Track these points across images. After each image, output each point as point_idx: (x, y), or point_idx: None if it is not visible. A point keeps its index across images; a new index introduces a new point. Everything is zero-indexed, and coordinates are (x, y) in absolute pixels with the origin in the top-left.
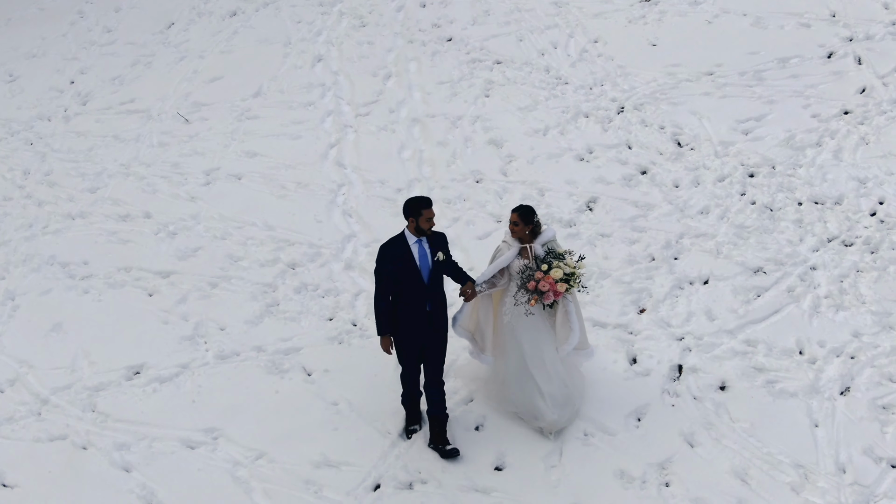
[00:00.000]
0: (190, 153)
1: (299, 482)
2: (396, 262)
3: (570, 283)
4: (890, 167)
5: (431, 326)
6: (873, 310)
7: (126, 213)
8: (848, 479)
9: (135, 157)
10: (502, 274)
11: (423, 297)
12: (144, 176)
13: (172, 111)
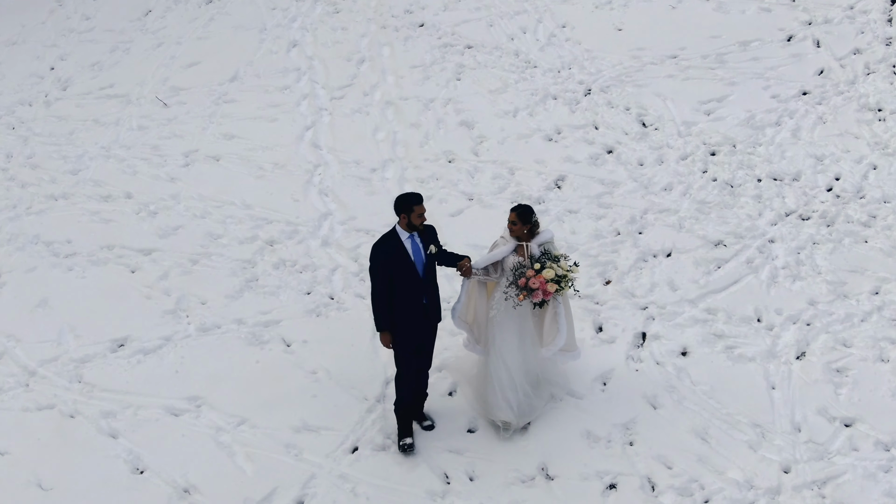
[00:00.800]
0: (169, 136)
1: (280, 446)
2: (391, 259)
3: (561, 284)
4: (846, 145)
5: (427, 318)
6: (828, 279)
7: (107, 194)
8: (803, 438)
9: (115, 140)
10: (496, 268)
11: (419, 290)
12: (125, 158)
13: (151, 96)
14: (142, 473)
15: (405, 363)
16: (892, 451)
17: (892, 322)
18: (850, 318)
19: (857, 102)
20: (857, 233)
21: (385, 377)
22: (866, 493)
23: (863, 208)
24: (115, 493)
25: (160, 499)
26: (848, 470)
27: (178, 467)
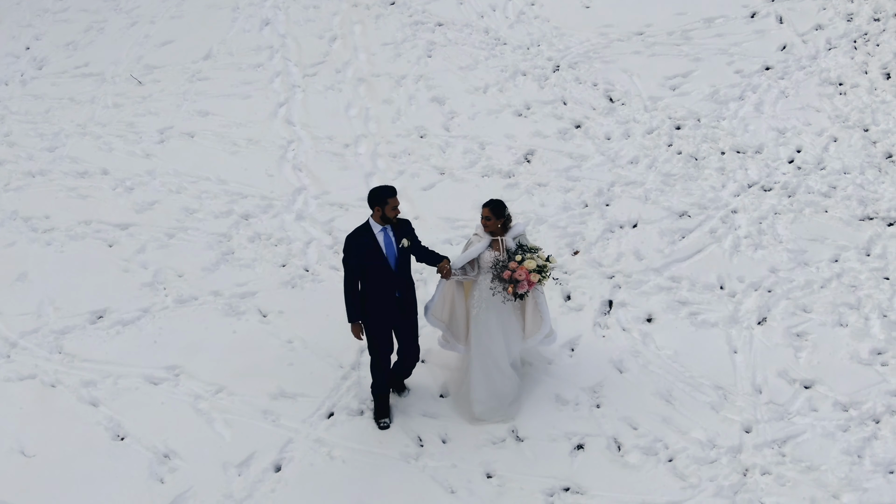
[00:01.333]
0: (144, 113)
1: (258, 412)
2: (363, 251)
3: (543, 274)
4: (807, 118)
5: (401, 312)
6: (789, 248)
7: (84, 171)
8: (764, 399)
9: (90, 118)
10: (473, 266)
11: (392, 284)
12: (100, 135)
13: (126, 74)
14: (122, 440)
15: (380, 352)
16: (850, 412)
17: (851, 288)
18: (810, 284)
19: (819, 77)
20: (817, 203)
21: (359, 346)
22: (825, 452)
23: (823, 179)
24: (96, 459)
25: (141, 464)
26: (807, 429)
27: (157, 434)
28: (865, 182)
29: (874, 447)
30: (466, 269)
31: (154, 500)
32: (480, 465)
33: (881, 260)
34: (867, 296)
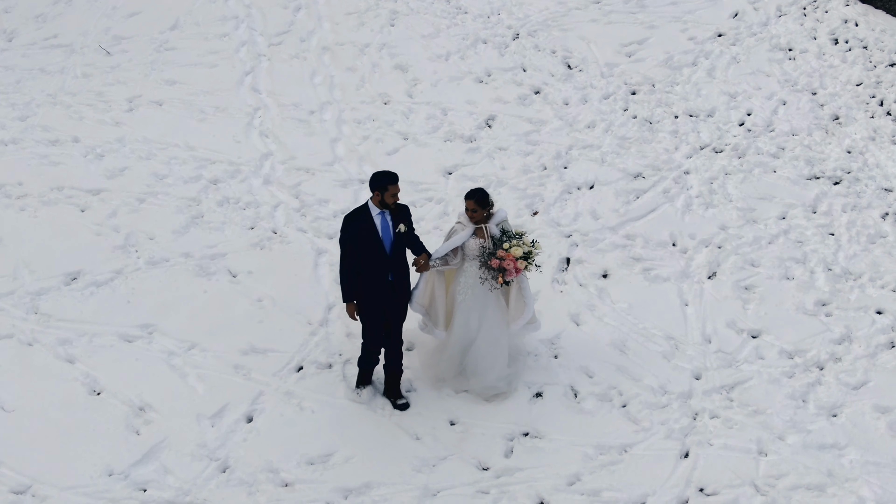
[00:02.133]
0: (113, 83)
1: (229, 367)
2: (360, 233)
3: (529, 260)
4: (758, 82)
5: (393, 295)
6: (739, 206)
7: (55, 139)
8: (713, 348)
9: (60, 88)
10: (455, 253)
11: (386, 267)
12: (71, 104)
13: (94, 45)
14: (99, 395)
15: (371, 333)
16: (795, 359)
17: (797, 244)
18: (759, 240)
19: (769, 43)
20: (766, 163)
21: (327, 303)
22: (770, 396)
23: (772, 141)
24: (74, 412)
25: (117, 416)
26: (754, 376)
27: (132, 388)
28: (813, 143)
29: (818, 392)
30: (448, 258)
31: (131, 450)
32: (444, 413)
33: (827, 217)
34: (813, 251)
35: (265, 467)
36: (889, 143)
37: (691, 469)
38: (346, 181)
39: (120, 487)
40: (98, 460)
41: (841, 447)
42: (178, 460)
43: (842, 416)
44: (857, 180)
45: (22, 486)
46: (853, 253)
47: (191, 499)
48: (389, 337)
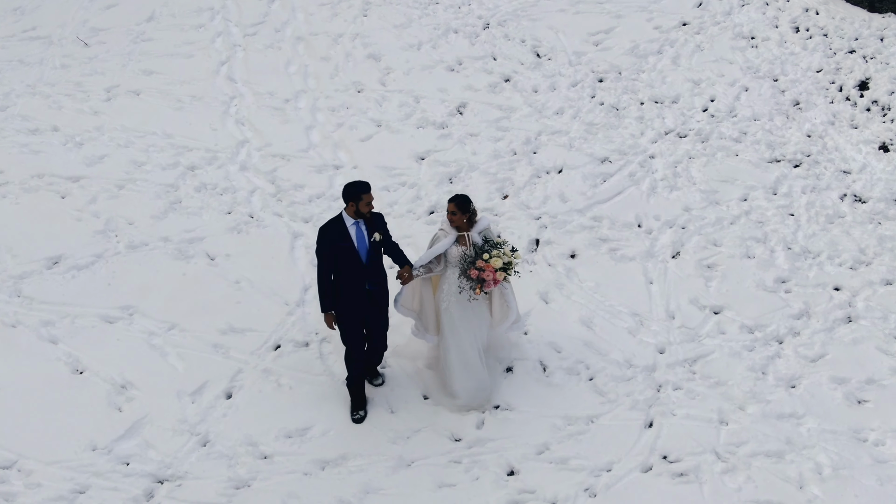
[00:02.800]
0: (91, 73)
1: (208, 346)
2: (335, 244)
3: (508, 271)
4: (721, 70)
5: (372, 303)
6: (702, 189)
7: (35, 128)
8: (677, 324)
9: (40, 79)
10: (439, 260)
11: (363, 276)
12: (50, 94)
13: (72, 36)
14: (81, 374)
15: (352, 343)
16: (755, 334)
17: (758, 224)
18: (721, 221)
19: (732, 31)
20: (728, 147)
21: (303, 284)
22: (731, 369)
23: (735, 126)
24: (58, 390)
25: (100, 394)
26: (715, 349)
27: (114, 367)
28: (774, 128)
29: (777, 365)
30: (432, 266)
31: (113, 426)
32: (418, 389)
33: (787, 198)
34: (773, 230)
35: (244, 441)
36: (848, 127)
37: (655, 438)
38: (320, 167)
39: (103, 461)
40: (82, 436)
41: (799, 416)
42: (159, 435)
43: (800, 387)
44: (817, 163)
45: (7, 462)
46: (812, 232)
47: (172, 471)
48: (373, 342)
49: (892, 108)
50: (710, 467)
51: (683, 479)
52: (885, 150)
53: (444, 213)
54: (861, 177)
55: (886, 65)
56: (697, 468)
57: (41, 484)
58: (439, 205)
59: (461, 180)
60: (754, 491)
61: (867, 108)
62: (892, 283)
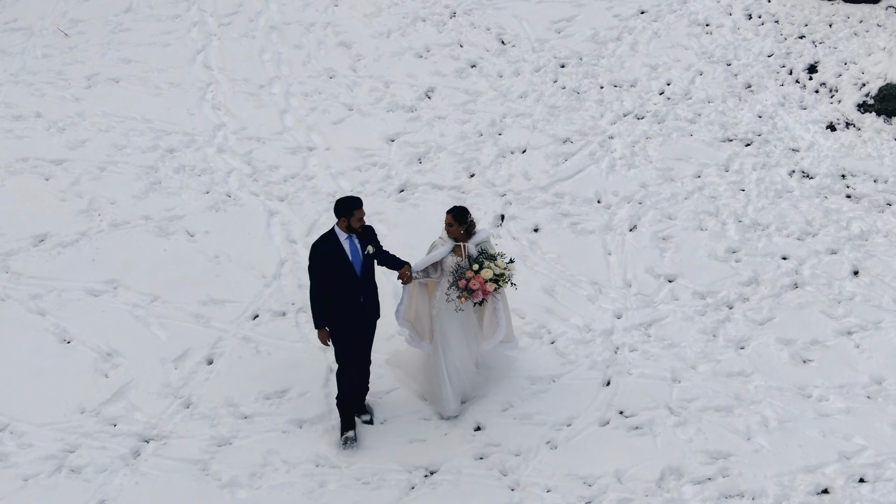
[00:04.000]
0: (71, 62)
1: (190, 317)
2: (329, 259)
3: (500, 283)
4: (677, 55)
5: (365, 316)
6: (658, 167)
7: (19, 114)
8: (633, 291)
9: (22, 68)
10: (436, 268)
11: (357, 289)
12: (32, 83)
13: (52, 27)
14: (69, 343)
15: (345, 358)
16: (706, 299)
17: (711, 199)
18: (675, 196)
19: (688, 19)
20: (683, 128)
21: (279, 258)
22: (684, 332)
23: (689, 108)
24: (46, 358)
25: (87, 362)
26: (669, 314)
27: (100, 336)
28: (727, 109)
29: (727, 328)
30: (429, 271)
31: (100, 391)
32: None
33: (738, 175)
34: (725, 205)
35: (226, 402)
36: (797, 108)
37: (612, 395)
38: (294, 149)
39: (92, 423)
40: (70, 400)
41: (747, 374)
42: (144, 398)
43: (748, 348)
44: (767, 142)
45: (1, 425)
46: (761, 206)
47: (158, 431)
48: (359, 357)
49: (840, 89)
50: (664, 421)
51: (638, 431)
52: (832, 130)
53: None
54: (809, 154)
55: (834, 49)
56: (651, 422)
57: (33, 444)
58: (409, 183)
59: (430, 160)
60: (704, 442)
61: (816, 91)
62: (837, 252)
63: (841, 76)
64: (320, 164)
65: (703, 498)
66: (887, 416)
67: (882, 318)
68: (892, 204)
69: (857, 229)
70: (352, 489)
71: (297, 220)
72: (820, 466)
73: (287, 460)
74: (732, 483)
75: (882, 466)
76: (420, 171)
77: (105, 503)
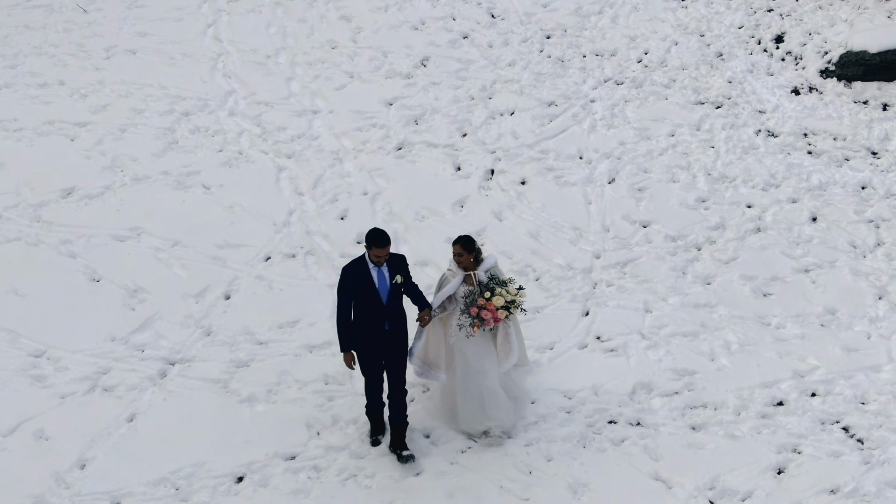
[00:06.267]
0: (91, 35)
1: (208, 258)
2: (356, 284)
3: (510, 310)
4: (654, 27)
5: (391, 343)
6: (635, 126)
7: (43, 82)
8: (611, 235)
9: (44, 41)
10: (450, 300)
11: (382, 316)
12: (55, 54)
13: (71, 4)
14: (98, 282)
15: (369, 381)
16: (677, 242)
17: (683, 155)
18: (651, 153)
19: None
20: (659, 92)
21: (289, 208)
22: (656, 269)
23: (665, 74)
24: (78, 295)
25: (115, 297)
26: (643, 255)
27: (127, 276)
28: (699, 75)
29: (695, 266)
30: (445, 304)
31: (129, 322)
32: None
33: (708, 133)
34: (696, 160)
35: (243, 331)
36: (765, 74)
37: (591, 323)
38: (300, 112)
39: (122, 349)
40: (101, 330)
41: (712, 305)
42: (169, 328)
43: (714, 283)
44: (736, 104)
45: (38, 352)
46: (729, 161)
47: (182, 356)
48: (391, 387)
49: (804, 57)
50: (636, 344)
51: (613, 353)
52: (797, 94)
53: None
54: (774, 115)
55: (800, 21)
56: (625, 345)
57: (68, 368)
58: (406, 142)
59: (425, 121)
60: (672, 362)
61: (782, 59)
62: (798, 200)
63: (805, 45)
64: (324, 126)
65: (670, 408)
66: (839, 340)
67: (836, 257)
68: (850, 159)
69: (816, 181)
70: (357, 404)
71: (304, 175)
72: (776, 382)
73: (299, 379)
74: (697, 396)
75: (832, 383)
76: (416, 131)
77: (136, 416)
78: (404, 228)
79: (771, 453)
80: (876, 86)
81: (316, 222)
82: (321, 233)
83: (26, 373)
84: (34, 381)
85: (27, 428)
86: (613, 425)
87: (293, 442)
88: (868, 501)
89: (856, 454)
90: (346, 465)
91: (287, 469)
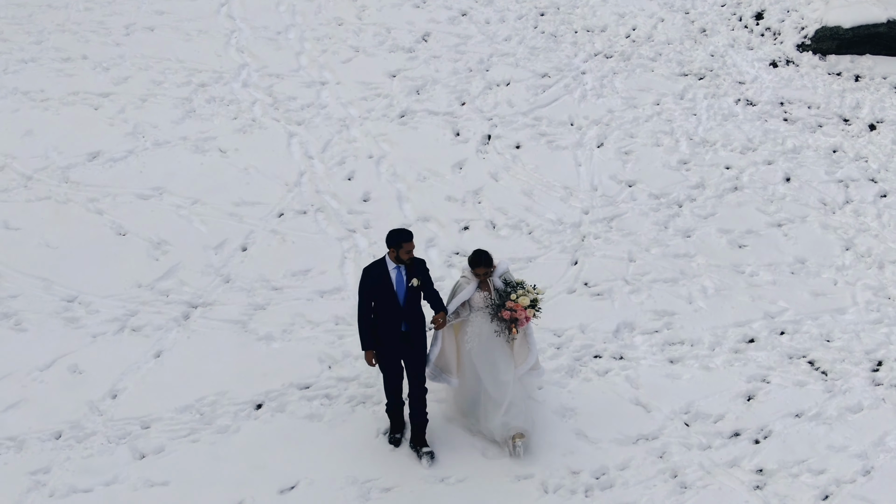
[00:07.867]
0: (111, 14)
1: (225, 215)
2: (375, 285)
3: (536, 308)
4: (642, 5)
5: (408, 344)
6: (623, 96)
7: (67, 57)
8: (598, 194)
9: (67, 19)
10: (464, 306)
11: (399, 318)
12: (77, 31)
13: None
14: (124, 235)
15: (387, 379)
16: (660, 199)
17: (667, 122)
18: (637, 120)
19: None
20: (646, 65)
21: (299, 170)
22: (640, 224)
23: (652, 48)
24: (106, 247)
25: (140, 249)
26: (628, 211)
27: (151, 230)
28: (684, 50)
29: (676, 221)
30: (459, 311)
31: (153, 270)
32: None
33: (691, 102)
34: (679, 126)
35: (259, 278)
36: (745, 48)
37: (579, 270)
38: (309, 83)
39: (148, 294)
40: (129, 277)
41: (691, 255)
42: (191, 276)
43: (693, 236)
44: (717, 76)
45: (70, 297)
46: (710, 127)
47: (204, 300)
48: (411, 386)
49: (782, 33)
50: (620, 289)
51: (599, 297)
52: (774, 66)
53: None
54: (753, 86)
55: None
56: (610, 290)
57: (99, 311)
58: (408, 110)
59: (426, 91)
60: (653, 304)
61: (761, 34)
62: (773, 163)
63: (784, 21)
64: (332, 96)
65: (650, 344)
66: (807, 286)
67: (808, 213)
68: (823, 125)
69: (790, 145)
70: None
71: (314, 140)
72: (748, 322)
73: (312, 320)
74: (675, 334)
75: (800, 323)
76: (418, 100)
77: (162, 353)
78: (407, 188)
79: (741, 382)
80: (849, 59)
81: (325, 182)
82: (330, 192)
83: (60, 315)
84: (67, 322)
85: (62, 363)
86: (598, 359)
87: (307, 374)
88: (829, 423)
89: (819, 384)
90: (355, 394)
91: (302, 397)
